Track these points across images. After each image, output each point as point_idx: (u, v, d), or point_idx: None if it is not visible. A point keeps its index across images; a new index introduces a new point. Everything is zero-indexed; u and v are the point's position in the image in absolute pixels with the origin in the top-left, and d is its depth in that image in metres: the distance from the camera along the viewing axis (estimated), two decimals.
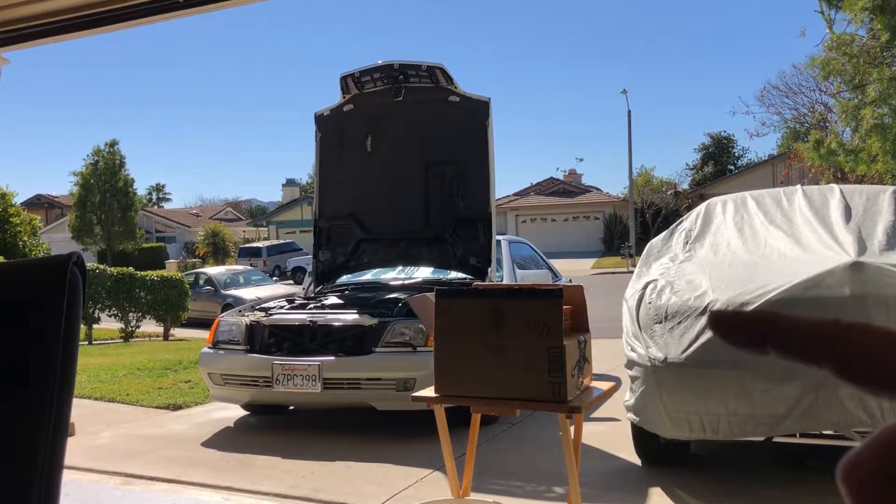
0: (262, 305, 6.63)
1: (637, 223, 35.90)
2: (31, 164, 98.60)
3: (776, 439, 3.97)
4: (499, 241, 7.38)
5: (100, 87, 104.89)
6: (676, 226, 5.31)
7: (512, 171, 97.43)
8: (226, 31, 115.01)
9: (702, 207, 5.38)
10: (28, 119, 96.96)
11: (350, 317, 5.80)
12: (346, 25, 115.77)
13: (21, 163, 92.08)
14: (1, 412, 1.05)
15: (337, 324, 5.74)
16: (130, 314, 15.72)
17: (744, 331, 0.31)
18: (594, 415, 5.78)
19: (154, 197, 69.69)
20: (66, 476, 1.25)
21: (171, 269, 29.38)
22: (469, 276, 6.61)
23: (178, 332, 16.50)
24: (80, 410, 6.62)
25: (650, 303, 4.16)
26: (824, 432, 3.80)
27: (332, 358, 5.53)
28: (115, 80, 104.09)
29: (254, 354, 5.79)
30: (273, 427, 6.28)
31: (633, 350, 4.13)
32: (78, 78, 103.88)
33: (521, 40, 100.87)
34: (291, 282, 28.93)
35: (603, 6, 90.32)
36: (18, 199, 15.89)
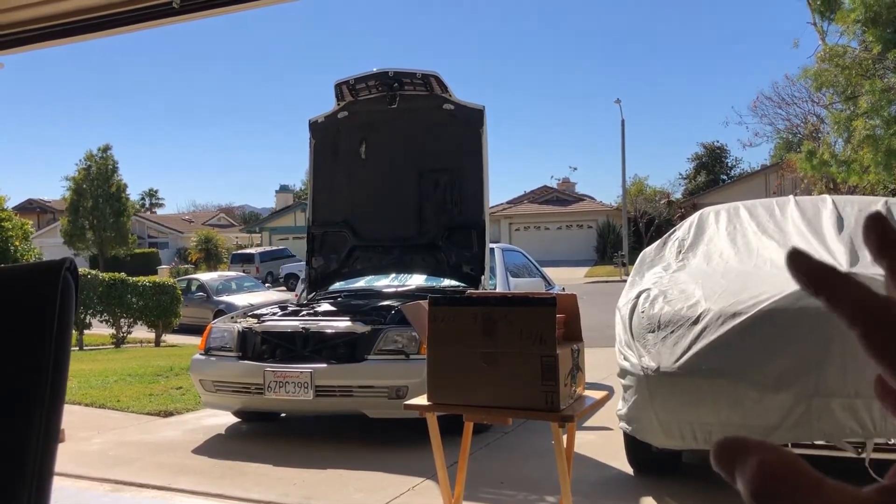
0: (255, 312, 6.61)
1: (630, 232, 36.00)
2: (24, 169, 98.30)
3: None
4: (492, 249, 7.38)
5: (93, 92, 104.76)
6: (669, 235, 5.32)
7: (505, 179, 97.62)
8: (220, 36, 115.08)
9: (695, 217, 5.39)
10: (20, 123, 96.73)
11: (343, 324, 5.79)
12: (340, 32, 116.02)
13: (13, 167, 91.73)
14: None
15: (329, 331, 5.73)
16: (122, 320, 15.67)
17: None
18: (587, 424, 5.77)
19: (147, 202, 69.51)
20: (55, 482, 1.24)
21: (163, 274, 29.30)
22: (462, 284, 6.61)
23: (169, 339, 16.45)
24: (71, 416, 6.58)
25: (643, 312, 4.17)
26: (816, 443, 3.80)
27: (325, 365, 5.51)
28: (108, 85, 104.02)
29: (246, 361, 5.77)
30: (264, 434, 6.25)
31: (625, 359, 4.13)
32: (71, 82, 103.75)
33: (515, 49, 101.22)
34: (284, 288, 28.88)
35: (597, 16, 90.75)
36: (10, 204, 15.82)
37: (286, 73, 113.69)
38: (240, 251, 39.72)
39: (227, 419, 6.54)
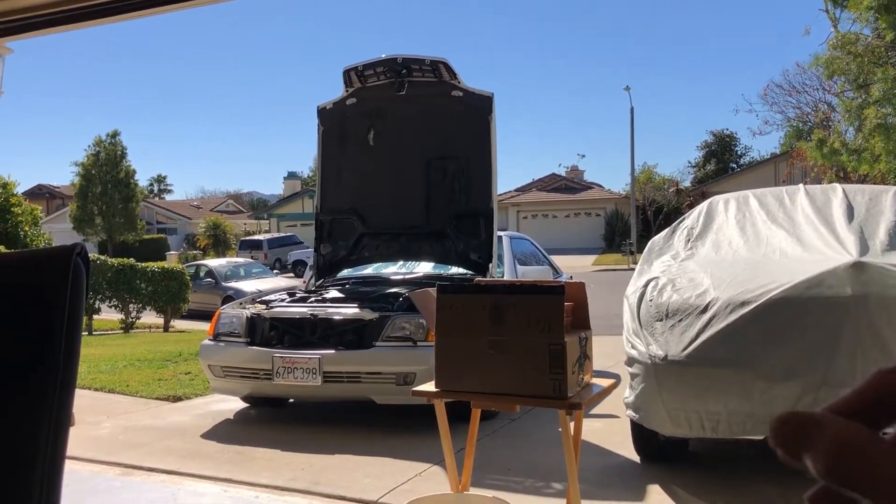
0: (263, 298, 6.63)
1: (638, 220, 35.91)
2: (33, 154, 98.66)
3: None
4: (500, 237, 7.37)
5: (102, 78, 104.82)
6: (678, 223, 5.31)
7: (514, 166, 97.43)
8: (230, 22, 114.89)
9: (704, 205, 5.37)
10: (30, 109, 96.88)
11: (351, 310, 5.80)
12: (349, 19, 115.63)
13: (23, 153, 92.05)
14: (5, 401, 1.05)
15: (338, 317, 5.74)
16: (131, 305, 15.75)
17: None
18: (593, 411, 5.78)
19: (155, 188, 69.70)
20: (66, 466, 1.25)
21: (171, 260, 29.40)
22: (470, 272, 6.60)
23: (178, 324, 16.53)
24: (80, 401, 6.63)
25: (651, 300, 4.16)
26: None
27: (333, 351, 5.53)
28: (117, 71, 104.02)
29: (254, 347, 5.79)
30: (272, 420, 6.29)
31: (633, 347, 4.13)
32: (81, 68, 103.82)
33: (524, 36, 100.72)
34: (292, 275, 28.95)
35: (605, 4, 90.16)
36: (20, 189, 15.88)
37: (295, 60, 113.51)
38: (248, 237, 39.82)
39: (235, 404, 6.57)
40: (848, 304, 3.50)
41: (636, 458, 4.73)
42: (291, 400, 6.53)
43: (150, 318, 16.51)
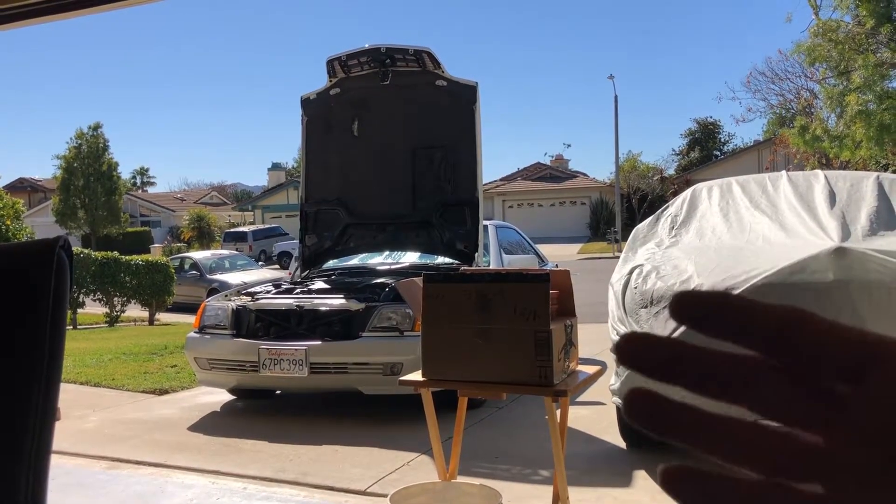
0: (249, 290, 6.61)
1: (623, 208, 36.03)
2: (14, 148, 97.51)
3: None
4: (486, 226, 7.38)
5: (83, 71, 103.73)
6: (662, 211, 5.33)
7: (499, 156, 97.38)
8: (211, 12, 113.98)
9: (687, 193, 5.40)
10: (11, 102, 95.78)
11: (337, 301, 5.79)
12: (331, 7, 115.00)
13: (3, 146, 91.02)
14: None
15: (324, 308, 5.73)
16: (115, 299, 15.64)
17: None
18: (580, 399, 5.82)
19: (138, 181, 69.11)
20: (52, 460, 1.25)
21: (156, 253, 29.25)
22: (456, 261, 6.61)
23: (163, 317, 16.44)
24: (66, 395, 6.57)
25: (636, 287, 4.18)
26: None
27: (319, 342, 5.53)
28: (98, 64, 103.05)
29: (240, 339, 5.78)
30: (260, 411, 6.28)
31: (618, 334, 4.14)
32: (61, 61, 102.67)
33: (508, 24, 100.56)
34: (277, 266, 28.86)
35: None
36: (1, 183, 15.76)
37: (277, 49, 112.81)
38: (232, 229, 39.63)
39: (222, 397, 6.56)
40: (830, 289, 3.54)
41: (622, 444, 4.76)
42: (278, 391, 6.53)
43: (134, 311, 16.41)
